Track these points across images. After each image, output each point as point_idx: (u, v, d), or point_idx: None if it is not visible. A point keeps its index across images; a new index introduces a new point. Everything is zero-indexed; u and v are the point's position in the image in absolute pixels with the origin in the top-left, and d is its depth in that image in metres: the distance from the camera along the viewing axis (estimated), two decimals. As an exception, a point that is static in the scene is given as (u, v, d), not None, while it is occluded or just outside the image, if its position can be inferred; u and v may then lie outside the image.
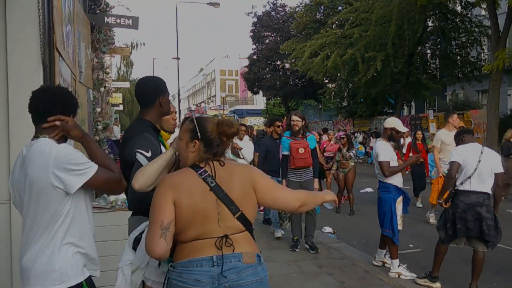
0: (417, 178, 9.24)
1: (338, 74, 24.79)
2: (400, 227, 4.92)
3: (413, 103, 28.42)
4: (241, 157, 6.91)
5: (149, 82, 2.62)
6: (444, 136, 6.96)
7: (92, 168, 1.97)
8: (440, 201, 4.40)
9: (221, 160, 2.04)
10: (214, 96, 70.18)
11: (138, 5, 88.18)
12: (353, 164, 8.86)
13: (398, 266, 4.95)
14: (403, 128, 4.95)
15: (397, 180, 4.96)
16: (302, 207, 2.09)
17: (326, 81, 28.85)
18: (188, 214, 1.90)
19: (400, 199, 4.93)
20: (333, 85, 28.88)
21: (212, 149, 2.01)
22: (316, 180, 5.84)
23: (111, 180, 2.02)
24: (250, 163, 7.18)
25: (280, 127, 6.56)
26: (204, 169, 1.97)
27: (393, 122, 4.98)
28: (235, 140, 7.02)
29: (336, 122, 31.05)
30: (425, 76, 23.07)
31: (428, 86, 22.66)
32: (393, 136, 5.00)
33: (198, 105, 71.43)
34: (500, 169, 4.35)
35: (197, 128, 2.02)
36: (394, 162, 4.90)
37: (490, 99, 14.62)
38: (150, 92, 2.58)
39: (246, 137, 7.40)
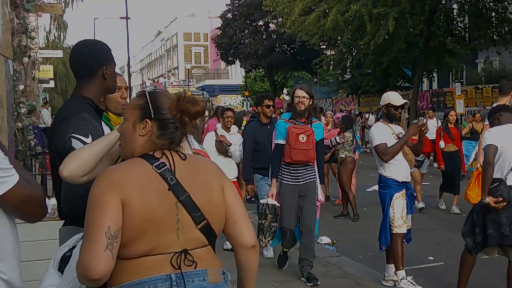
0: (449, 174, 9.08)
1: (339, 37, 24.89)
2: (399, 230, 5.03)
3: (435, 75, 28.75)
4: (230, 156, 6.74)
5: (88, 48, 2.61)
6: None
7: (13, 177, 1.86)
8: (485, 200, 4.38)
9: (181, 152, 2.03)
10: (177, 68, 69.80)
11: None
12: (346, 154, 8.89)
13: (402, 279, 5.06)
14: (399, 101, 5.14)
15: (398, 172, 5.09)
16: (255, 249, 2.12)
17: (323, 46, 28.93)
18: (139, 220, 1.86)
19: (398, 194, 5.05)
20: (333, 52, 28.99)
21: (169, 133, 1.99)
22: (321, 187, 5.57)
23: (32, 198, 1.93)
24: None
25: (271, 108, 6.33)
26: (161, 161, 1.95)
27: (386, 97, 5.22)
28: (221, 131, 6.84)
29: (336, 101, 31.30)
30: (451, 38, 23.32)
31: (454, 51, 22.91)
32: (391, 115, 5.17)
33: (155, 80, 71.02)
34: None
35: (150, 104, 2.00)
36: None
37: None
38: (89, 60, 2.56)
39: (235, 128, 7.05)
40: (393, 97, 5.19)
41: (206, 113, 36.02)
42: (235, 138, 6.84)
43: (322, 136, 5.55)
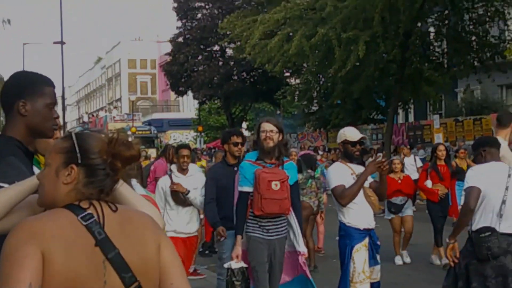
0: (436, 218, 8.98)
1: (305, 64, 25.30)
2: (360, 286, 4.98)
3: (411, 106, 29.48)
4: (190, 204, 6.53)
5: (9, 79, 2.62)
6: (503, 148, 6.66)
7: None
8: (450, 242, 4.60)
9: (112, 203, 2.01)
10: (120, 99, 69.53)
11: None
12: (308, 198, 8.83)
13: None
14: (356, 136, 5.21)
15: (359, 218, 5.09)
16: None
17: (287, 74, 29.36)
18: (61, 280, 1.83)
19: (360, 245, 5.03)
20: (298, 81, 29.44)
21: (98, 181, 1.97)
22: (302, 240, 5.33)
23: None
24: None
25: (239, 146, 6.03)
26: (88, 212, 1.93)
27: (342, 133, 5.30)
28: (177, 174, 6.63)
29: (302, 136, 31.62)
30: (428, 65, 24.03)
31: (431, 79, 23.61)
32: (349, 152, 5.22)
33: (95, 113, 70.35)
34: None
35: (77, 147, 1.98)
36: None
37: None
38: (6, 94, 2.57)
39: (193, 168, 6.90)
40: (349, 133, 5.26)
41: (154, 152, 35.92)
42: (195, 181, 6.63)
43: (296, 179, 5.37)
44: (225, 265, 5.28)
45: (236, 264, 5.09)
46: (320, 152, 22.42)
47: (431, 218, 9.16)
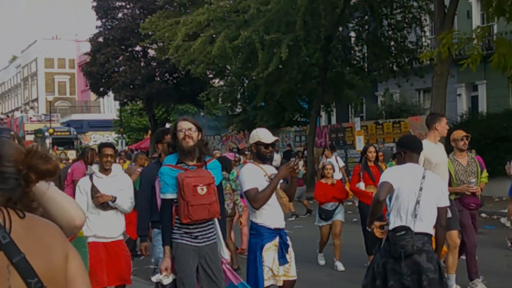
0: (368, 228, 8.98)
1: (228, 66, 25.36)
2: (267, 283, 5.05)
3: (334, 109, 30.13)
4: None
5: None
6: (429, 151, 6.59)
7: None
8: (369, 229, 4.85)
9: (20, 210, 1.96)
10: (36, 100, 67.29)
11: None
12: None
13: None
14: (269, 138, 5.26)
15: (271, 218, 5.17)
16: None
17: (211, 76, 29.34)
18: None
19: (270, 245, 5.13)
20: (221, 83, 29.46)
21: (8, 189, 1.94)
22: (225, 246, 5.03)
23: None
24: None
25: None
26: None
27: (255, 134, 5.33)
28: (98, 175, 6.23)
29: (226, 138, 31.69)
30: (349, 69, 24.65)
31: (353, 83, 24.21)
32: (261, 154, 5.26)
33: (10, 114, 67.79)
34: (446, 202, 4.79)
35: None
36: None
37: (434, 100, 16.06)
38: None
39: (117, 168, 6.47)
40: (262, 134, 5.28)
41: (74, 154, 34.54)
42: (118, 182, 6.29)
43: (221, 178, 5.12)
44: (153, 279, 4.94)
45: (167, 279, 4.71)
46: (246, 153, 22.50)
47: (362, 221, 8.87)
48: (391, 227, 4.71)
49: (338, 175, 13.69)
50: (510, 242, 9.98)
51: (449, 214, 6.71)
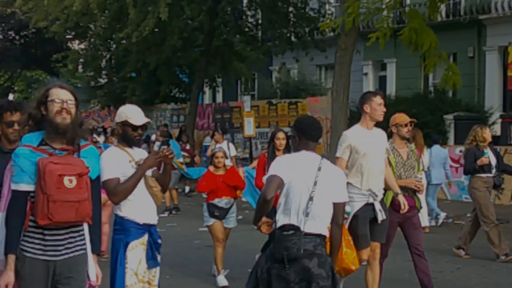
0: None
1: (92, 26, 24.67)
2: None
3: (220, 84, 30.15)
4: None
5: None
6: (357, 138, 6.74)
7: None
8: (256, 227, 4.88)
9: None
10: None
11: None
12: None
13: None
14: (140, 119, 5.19)
15: (138, 211, 5.09)
16: None
17: (69, 37, 28.41)
18: None
19: (136, 243, 5.08)
20: (82, 46, 28.66)
21: None
22: (93, 258, 4.47)
23: None
24: None
25: (15, 125, 5.07)
26: None
27: (123, 112, 5.23)
28: None
29: (86, 114, 30.93)
30: (239, 37, 24.69)
31: (243, 54, 24.30)
32: (128, 136, 5.17)
33: None
34: (344, 197, 4.84)
35: None
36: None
37: (337, 79, 16.40)
38: None
39: None
40: (131, 113, 5.19)
41: None
42: None
43: (99, 171, 4.59)
44: None
45: None
46: (108, 135, 22.07)
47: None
48: (278, 224, 4.71)
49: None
50: (462, 250, 10.42)
51: (383, 217, 6.75)
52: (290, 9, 23.80)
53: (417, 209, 7.43)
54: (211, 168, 8.88)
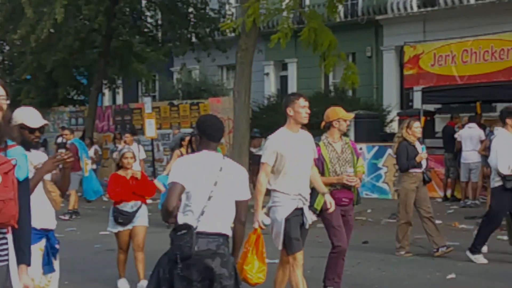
0: None
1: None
2: None
3: (120, 86, 29.84)
4: None
5: None
6: (283, 143, 6.58)
7: None
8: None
9: None
10: None
11: None
12: None
13: None
14: (37, 121, 5.14)
15: (36, 217, 4.46)
16: None
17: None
18: None
19: (33, 248, 4.30)
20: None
21: None
22: (22, 269, 3.92)
23: None
24: None
25: None
26: None
27: (19, 115, 5.11)
28: None
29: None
30: (139, 38, 24.53)
31: (143, 55, 24.14)
32: (25, 140, 4.95)
33: None
34: (246, 195, 4.89)
35: None
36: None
37: (238, 79, 16.58)
38: None
39: None
40: (27, 116, 5.11)
41: None
42: None
43: (27, 174, 4.20)
44: None
45: None
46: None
47: None
48: (176, 224, 4.74)
49: (138, 167, 13.36)
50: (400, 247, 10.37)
51: (308, 223, 6.65)
52: (190, 9, 23.78)
53: (354, 204, 7.54)
54: (120, 171, 8.36)
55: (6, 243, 3.84)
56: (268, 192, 6.66)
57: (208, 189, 4.70)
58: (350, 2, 24.71)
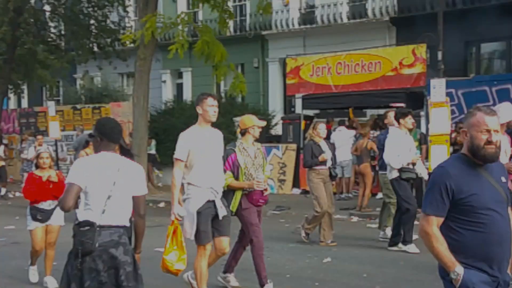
0: None
1: None
2: None
3: (25, 90, 29.04)
4: None
5: None
6: (194, 139, 6.53)
7: None
8: None
9: None
10: None
11: None
12: None
13: None
14: None
15: None
16: None
17: None
18: None
19: None
20: None
21: None
22: None
23: None
24: None
25: None
26: None
27: None
28: None
29: None
30: (43, 47, 24.00)
31: (47, 62, 23.61)
32: None
33: None
34: (143, 191, 4.89)
35: None
36: None
37: (137, 86, 16.63)
38: None
39: None
40: None
41: None
42: None
43: None
44: None
45: None
46: None
47: None
48: (77, 221, 4.67)
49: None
50: (304, 232, 10.43)
51: (223, 213, 6.56)
52: (92, 21, 23.59)
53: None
54: (37, 171, 7.92)
55: None
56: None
57: (107, 188, 4.63)
58: (239, 19, 25.08)
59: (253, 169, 7.16)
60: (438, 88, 11.87)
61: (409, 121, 9.57)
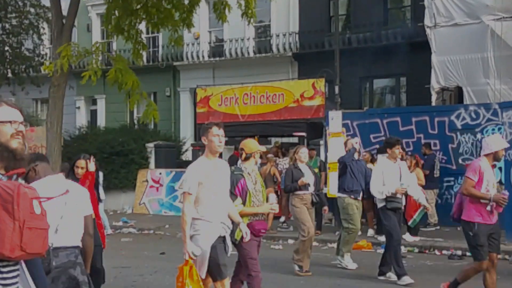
0: None
1: None
2: None
3: None
4: None
5: None
6: (203, 172, 5.84)
7: None
8: None
9: None
10: None
11: None
12: None
13: None
14: None
15: None
16: None
17: None
18: None
19: None
20: None
21: None
22: None
23: None
24: None
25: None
26: None
27: None
28: None
29: None
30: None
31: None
32: None
33: None
34: (89, 210, 4.81)
35: None
36: None
37: (51, 111, 16.11)
38: None
39: None
40: None
41: None
42: None
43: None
44: None
45: None
46: None
47: None
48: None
49: None
50: (297, 266, 9.60)
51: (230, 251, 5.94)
52: (6, 48, 22.79)
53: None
54: None
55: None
56: None
57: (60, 209, 4.50)
58: (152, 50, 24.89)
59: (256, 197, 6.52)
60: (335, 119, 12.16)
61: (396, 151, 8.91)
